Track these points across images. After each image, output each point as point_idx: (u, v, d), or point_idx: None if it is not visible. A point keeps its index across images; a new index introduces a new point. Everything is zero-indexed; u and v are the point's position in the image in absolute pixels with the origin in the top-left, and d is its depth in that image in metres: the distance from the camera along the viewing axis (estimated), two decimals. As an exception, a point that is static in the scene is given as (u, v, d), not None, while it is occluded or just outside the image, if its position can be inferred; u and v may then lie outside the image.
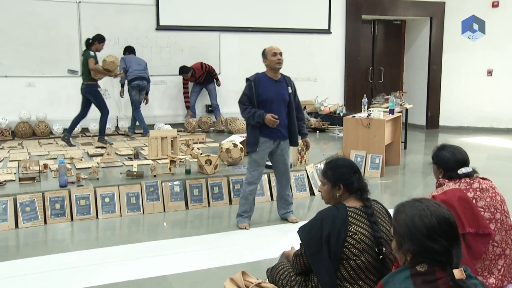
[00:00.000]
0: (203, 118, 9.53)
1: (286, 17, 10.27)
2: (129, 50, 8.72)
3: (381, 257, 2.41)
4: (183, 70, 9.23)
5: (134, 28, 9.22)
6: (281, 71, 4.66)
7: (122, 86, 8.82)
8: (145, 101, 8.83)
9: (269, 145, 4.64)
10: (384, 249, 2.42)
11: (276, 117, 4.51)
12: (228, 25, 9.82)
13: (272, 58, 4.55)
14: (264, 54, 4.63)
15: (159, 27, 9.38)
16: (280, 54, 4.58)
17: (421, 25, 11.49)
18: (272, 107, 4.54)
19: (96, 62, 7.51)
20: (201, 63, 9.38)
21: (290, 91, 4.66)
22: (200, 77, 9.39)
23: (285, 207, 4.98)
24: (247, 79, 4.63)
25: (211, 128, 9.45)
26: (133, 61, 8.52)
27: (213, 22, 9.72)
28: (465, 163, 2.97)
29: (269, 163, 5.02)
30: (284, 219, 4.98)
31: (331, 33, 10.73)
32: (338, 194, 2.60)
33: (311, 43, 10.60)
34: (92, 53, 7.52)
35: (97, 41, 7.63)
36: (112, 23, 9.07)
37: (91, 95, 7.67)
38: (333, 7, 10.66)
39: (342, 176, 2.59)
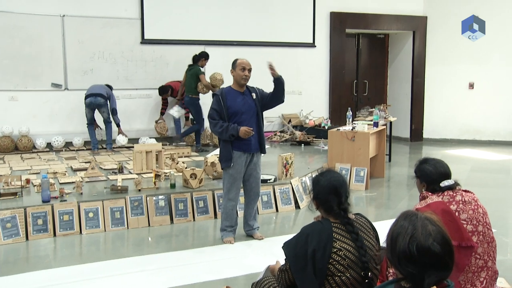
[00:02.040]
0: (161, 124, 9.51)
1: (271, 31, 10.35)
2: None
3: (365, 273, 2.41)
4: (163, 90, 9.28)
5: (119, 41, 9.21)
6: (266, 83, 4.65)
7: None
8: (120, 135, 8.79)
9: (244, 159, 4.60)
10: (369, 264, 2.43)
11: (251, 128, 4.49)
12: (213, 39, 9.87)
13: (239, 72, 4.53)
14: (233, 64, 4.59)
15: (144, 41, 9.39)
16: (249, 70, 4.55)
17: (404, 39, 11.66)
18: (243, 118, 4.52)
19: None
20: (181, 82, 9.38)
21: (254, 97, 4.61)
22: (177, 95, 9.35)
23: (250, 223, 4.88)
24: (214, 94, 4.62)
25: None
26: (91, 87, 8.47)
27: (198, 35, 9.75)
28: (447, 176, 3.01)
29: None
30: (250, 235, 4.89)
31: (315, 46, 10.83)
32: (316, 209, 2.61)
33: (296, 56, 10.68)
34: (202, 69, 8.43)
35: (204, 57, 8.62)
36: (96, 37, 9.05)
37: (194, 107, 8.58)
38: (317, 21, 10.76)
39: (318, 195, 2.58)
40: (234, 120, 4.51)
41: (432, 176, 3.01)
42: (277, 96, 4.61)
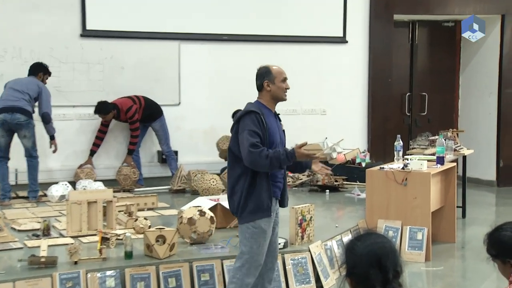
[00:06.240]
0: (123, 170, 9.35)
1: (282, 20, 10.48)
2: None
3: None
4: (103, 109, 9.27)
5: (47, 33, 9.25)
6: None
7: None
8: (53, 146, 8.79)
9: (273, 208, 4.76)
10: None
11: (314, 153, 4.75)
12: (193, 31, 9.97)
13: (281, 84, 4.80)
14: (269, 75, 4.76)
15: (86, 33, 9.49)
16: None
17: (487, 28, 11.63)
18: None
19: None
20: (132, 97, 9.52)
21: (283, 128, 4.96)
22: (127, 120, 9.47)
23: None
24: (250, 112, 4.62)
25: (167, 187, 9.41)
26: (11, 84, 8.49)
27: (170, 26, 9.87)
28: None
29: None
30: None
31: (347, 42, 10.97)
32: None
33: (318, 57, 10.80)
34: None
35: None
36: (11, 26, 9.11)
37: None
38: (350, 5, 10.88)
39: (353, 268, 2.64)
40: None
41: None
42: (298, 171, 5.12)
